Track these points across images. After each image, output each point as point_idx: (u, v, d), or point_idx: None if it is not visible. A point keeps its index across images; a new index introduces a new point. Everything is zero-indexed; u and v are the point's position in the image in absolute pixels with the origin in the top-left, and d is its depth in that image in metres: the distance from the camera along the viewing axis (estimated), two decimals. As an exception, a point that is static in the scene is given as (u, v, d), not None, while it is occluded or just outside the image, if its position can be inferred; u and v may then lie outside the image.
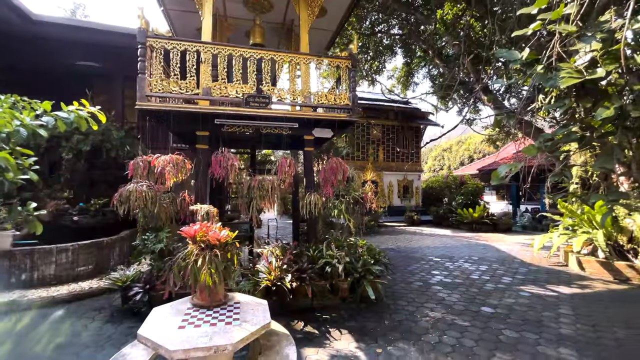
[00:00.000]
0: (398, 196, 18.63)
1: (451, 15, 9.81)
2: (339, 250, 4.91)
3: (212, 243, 2.60)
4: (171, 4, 6.44)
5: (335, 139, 14.38)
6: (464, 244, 10.38)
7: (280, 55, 4.87)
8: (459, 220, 14.43)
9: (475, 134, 36.07)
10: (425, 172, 40.92)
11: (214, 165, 4.29)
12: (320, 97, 5.07)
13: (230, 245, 2.85)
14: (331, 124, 5.41)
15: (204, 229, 2.73)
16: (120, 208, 4.00)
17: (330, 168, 4.74)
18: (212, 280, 2.49)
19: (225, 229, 2.85)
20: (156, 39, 4.40)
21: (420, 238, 11.62)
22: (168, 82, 4.37)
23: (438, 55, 12.85)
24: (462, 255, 8.46)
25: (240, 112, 4.66)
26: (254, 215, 4.47)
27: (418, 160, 19.75)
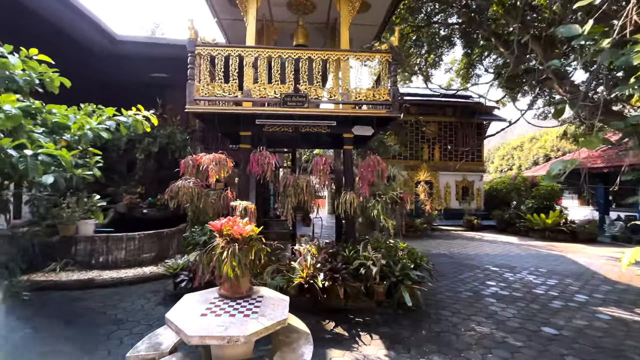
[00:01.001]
0: (456, 198, 17.29)
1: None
2: (376, 252, 4.72)
3: (236, 237, 2.70)
4: (223, 13, 6.92)
5: (385, 137, 13.96)
6: (531, 253, 9.17)
7: (317, 53, 4.87)
8: (528, 226, 12.80)
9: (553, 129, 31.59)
10: (490, 173, 37.25)
11: (251, 163, 4.47)
12: (358, 93, 4.94)
13: (255, 240, 2.92)
14: (371, 121, 5.23)
15: (230, 223, 2.85)
16: (171, 202, 4.41)
17: (367, 166, 4.59)
18: (233, 272, 2.59)
19: (250, 224, 2.93)
20: (203, 47, 4.76)
21: (479, 244, 10.60)
22: (213, 86, 4.70)
23: (502, 42, 11.54)
24: (526, 266, 7.48)
25: (278, 112, 4.78)
26: (289, 214, 4.55)
27: (480, 160, 18.05)
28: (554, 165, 2.31)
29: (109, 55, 9.88)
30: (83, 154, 3.80)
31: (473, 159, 17.84)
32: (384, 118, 5.05)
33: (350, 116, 5.06)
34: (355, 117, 5.11)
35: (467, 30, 13.80)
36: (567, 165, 2.30)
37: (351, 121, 5.28)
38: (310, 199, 4.61)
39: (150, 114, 3.98)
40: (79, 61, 9.51)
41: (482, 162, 18.15)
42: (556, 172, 2.26)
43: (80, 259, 5.69)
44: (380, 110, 5.02)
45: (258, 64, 4.87)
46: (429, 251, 9.20)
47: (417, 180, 15.74)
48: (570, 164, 2.29)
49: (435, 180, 17.14)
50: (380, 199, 4.53)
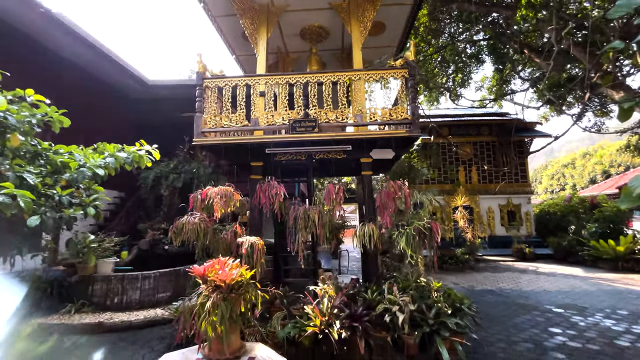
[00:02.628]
0: (501, 224, 15.60)
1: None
2: (404, 294, 4.00)
3: (219, 284, 2.26)
4: (239, 49, 7.08)
5: (415, 161, 13.19)
6: (604, 290, 7.62)
7: (326, 76, 4.60)
8: (594, 255, 10.92)
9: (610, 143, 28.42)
10: (539, 194, 33.90)
11: (257, 194, 4.13)
12: (373, 114, 4.52)
13: (247, 286, 2.46)
14: (390, 142, 4.73)
15: (217, 266, 2.42)
16: (175, 240, 4.14)
17: (387, 193, 4.03)
18: (214, 330, 2.12)
19: (240, 267, 2.48)
20: (211, 80, 4.71)
21: (534, 278, 9.12)
22: (220, 117, 4.56)
23: (537, 53, 10.71)
24: (600, 307, 6.11)
25: (286, 139, 4.49)
26: (299, 248, 4.05)
27: (525, 180, 16.38)
28: (636, 182, 1.64)
29: (142, 98, 10.59)
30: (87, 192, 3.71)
31: (517, 180, 16.23)
32: (404, 138, 4.54)
33: (366, 138, 4.62)
34: (372, 139, 4.65)
35: (496, 46, 13.15)
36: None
37: (369, 144, 4.83)
38: (325, 232, 4.10)
39: (152, 148, 3.85)
40: (114, 105, 10.27)
41: (527, 182, 16.44)
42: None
43: (96, 299, 5.56)
44: (399, 130, 4.53)
45: (265, 92, 4.69)
46: (473, 287, 8.03)
47: (455, 206, 14.53)
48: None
49: (475, 205, 15.72)
50: (404, 230, 3.88)
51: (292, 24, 6.30)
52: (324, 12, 5.87)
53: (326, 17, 6.04)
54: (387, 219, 3.98)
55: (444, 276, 9.60)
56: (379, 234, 4.00)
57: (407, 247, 4.09)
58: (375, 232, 3.98)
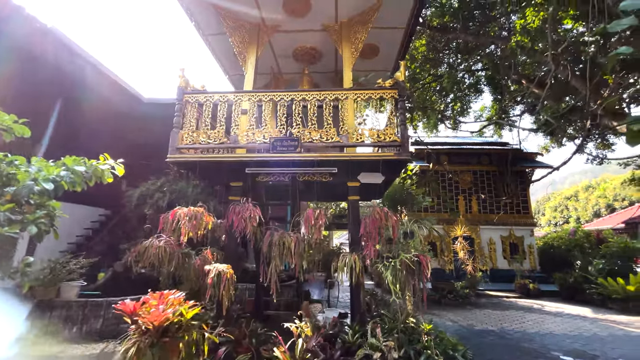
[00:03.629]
0: (503, 256, 14.94)
1: (537, 23, 8.06)
2: (389, 336, 3.50)
3: (147, 327, 1.85)
4: (232, 69, 7.00)
5: (413, 188, 12.83)
6: (615, 334, 6.95)
7: (312, 94, 4.38)
8: (603, 294, 10.22)
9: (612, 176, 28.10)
10: (542, 227, 33.10)
11: (230, 217, 3.76)
12: (360, 135, 4.24)
13: (186, 329, 2.04)
14: (378, 165, 4.42)
15: (153, 302, 2.02)
16: (135, 266, 3.73)
17: (372, 221, 3.65)
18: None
19: (183, 304, 2.08)
20: (192, 95, 4.50)
21: (540, 318, 8.44)
22: (198, 134, 4.29)
23: (536, 84, 10.68)
24: (613, 356, 5.48)
25: (267, 159, 4.18)
26: (273, 279, 3.61)
27: (527, 211, 15.90)
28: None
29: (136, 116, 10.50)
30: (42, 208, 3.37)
31: (519, 211, 15.76)
32: (393, 162, 4.22)
33: (353, 160, 4.31)
34: (359, 162, 4.34)
35: (494, 77, 13.23)
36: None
37: (356, 167, 4.51)
38: (302, 261, 3.68)
39: (117, 163, 3.55)
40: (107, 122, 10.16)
41: (530, 214, 15.95)
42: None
43: (52, 328, 5.03)
44: (387, 153, 4.22)
45: (248, 110, 4.47)
46: (472, 326, 7.38)
47: (455, 236, 13.98)
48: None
49: (476, 236, 15.16)
50: (389, 263, 3.46)
51: (284, 45, 6.23)
52: (316, 34, 5.81)
53: (319, 39, 5.97)
54: (371, 250, 3.58)
55: (442, 312, 8.93)
56: (362, 266, 3.57)
57: (394, 281, 3.66)
58: (357, 264, 3.56)
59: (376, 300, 5.50)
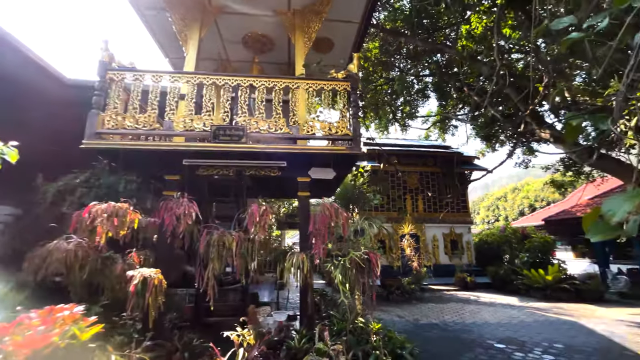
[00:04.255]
0: (445, 252, 15.98)
1: (480, 29, 8.71)
2: (338, 338, 3.31)
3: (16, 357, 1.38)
4: (173, 52, 6.33)
5: (364, 187, 13.07)
6: (538, 320, 7.71)
7: (260, 80, 4.04)
8: (527, 284, 11.41)
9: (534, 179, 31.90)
10: (478, 225, 36.46)
11: (160, 213, 3.26)
12: (311, 127, 4.01)
13: (85, 351, 1.59)
14: (329, 160, 4.23)
15: (34, 321, 1.54)
16: (34, 274, 3.04)
17: (321, 218, 3.43)
18: None
19: (79, 322, 1.62)
20: (118, 72, 3.86)
21: (476, 309, 9.07)
22: (123, 117, 3.68)
23: (476, 92, 11.55)
24: (538, 340, 6.00)
25: (207, 149, 3.74)
26: (210, 284, 3.21)
27: (466, 210, 17.25)
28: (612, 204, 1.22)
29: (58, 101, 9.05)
30: None
31: (459, 210, 17.02)
32: (345, 157, 4.07)
33: (303, 154, 4.06)
34: (309, 156, 4.11)
35: (440, 84, 14.06)
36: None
37: (306, 161, 4.27)
38: (244, 263, 3.32)
39: (6, 146, 2.85)
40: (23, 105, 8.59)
41: (468, 212, 17.33)
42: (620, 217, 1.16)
43: None
44: (339, 147, 4.06)
45: (187, 95, 3.96)
46: (418, 321, 7.63)
47: (402, 234, 14.56)
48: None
49: (421, 234, 15.99)
50: (338, 262, 3.28)
51: (233, 30, 5.77)
52: (267, 20, 5.46)
53: (271, 26, 5.63)
54: (320, 248, 3.36)
55: (390, 308, 9.14)
56: (310, 265, 3.34)
57: (343, 280, 3.49)
58: (305, 264, 3.32)
59: (326, 300, 5.33)
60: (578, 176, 11.61)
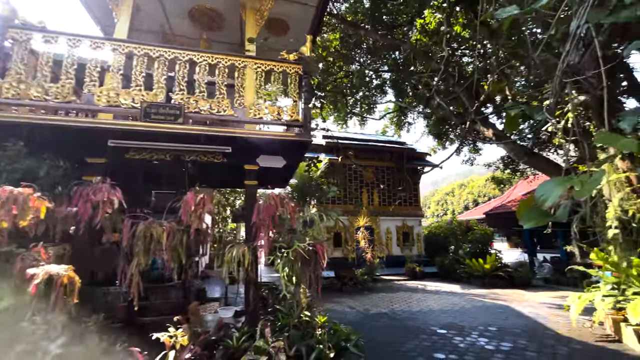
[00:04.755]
0: (397, 244, 16.65)
1: (434, 24, 9.04)
2: (279, 335, 3.14)
3: None
4: (106, 19, 5.54)
5: (322, 180, 13.03)
6: (476, 305, 8.30)
7: (202, 55, 3.65)
8: (469, 272, 12.30)
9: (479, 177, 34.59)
10: (428, 218, 38.82)
11: (75, 201, 2.78)
12: (258, 110, 3.73)
13: None
14: (277, 146, 3.99)
15: None
16: None
17: (266, 208, 3.20)
18: None
19: None
20: (23, 31, 3.21)
21: (423, 297, 9.52)
22: (28, 86, 3.07)
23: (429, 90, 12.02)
24: (475, 325, 6.42)
25: (136, 128, 3.28)
26: (135, 281, 2.83)
27: (418, 204, 18.11)
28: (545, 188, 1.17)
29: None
30: None
31: (411, 204, 17.79)
32: (295, 144, 3.86)
33: (250, 140, 3.77)
34: (256, 142, 3.83)
35: (397, 81, 14.42)
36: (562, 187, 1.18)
37: (254, 148, 3.98)
38: (177, 256, 2.98)
39: None
40: None
41: (419, 206, 18.20)
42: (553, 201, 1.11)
43: None
44: (288, 133, 3.83)
45: (113, 64, 3.44)
46: (368, 311, 7.78)
47: (358, 226, 14.86)
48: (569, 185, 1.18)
49: (376, 226, 16.44)
50: (281, 254, 3.09)
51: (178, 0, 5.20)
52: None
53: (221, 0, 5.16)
54: (264, 240, 3.13)
55: (343, 299, 9.23)
56: (252, 258, 3.10)
57: (289, 273, 3.31)
58: (247, 256, 3.07)
59: (274, 294, 5.13)
60: (514, 173, 12.70)
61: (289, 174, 5.28)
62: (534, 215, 1.23)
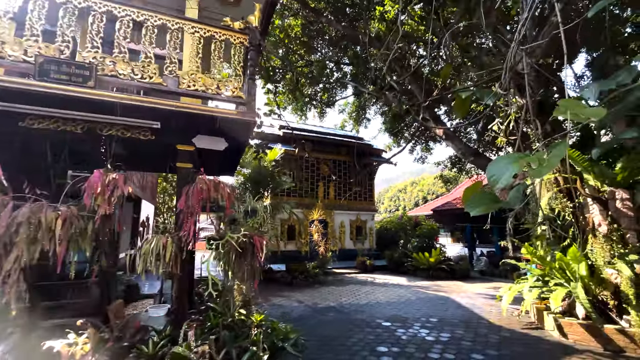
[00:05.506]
0: (350, 238, 16.86)
1: (392, 14, 9.09)
2: (206, 338, 2.76)
3: None
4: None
5: (276, 171, 12.58)
6: (420, 297, 8.60)
7: (124, 9, 3.05)
8: (415, 265, 12.85)
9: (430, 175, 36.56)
10: (382, 213, 40.30)
11: None
12: (192, 80, 3.24)
13: None
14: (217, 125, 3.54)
15: None
16: None
17: (195, 193, 2.77)
18: None
19: None
20: None
21: (371, 290, 9.66)
22: None
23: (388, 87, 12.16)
24: (418, 316, 6.59)
25: (30, 88, 2.61)
26: (13, 278, 2.24)
27: (372, 199, 18.49)
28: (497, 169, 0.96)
29: None
30: None
31: (365, 198, 18.11)
32: (237, 123, 3.44)
33: (183, 114, 3.27)
34: (191, 118, 3.34)
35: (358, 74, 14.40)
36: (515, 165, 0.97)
37: (190, 126, 3.49)
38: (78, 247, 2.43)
39: None
40: None
41: (373, 201, 18.60)
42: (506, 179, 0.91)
43: None
44: (228, 110, 3.40)
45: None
46: (316, 305, 7.64)
47: (312, 219, 14.71)
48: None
49: (330, 220, 16.45)
50: (210, 246, 2.70)
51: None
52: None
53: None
54: (191, 229, 2.71)
55: (292, 293, 9.00)
56: (177, 250, 2.67)
57: (225, 267, 2.94)
58: (169, 249, 2.62)
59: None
60: (460, 172, 13.46)
61: (234, 159, 4.81)
62: (481, 201, 1.02)
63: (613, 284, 5.33)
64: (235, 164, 5.28)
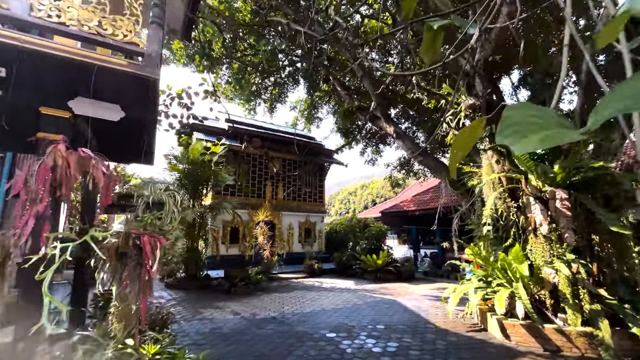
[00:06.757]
0: (299, 240, 16.15)
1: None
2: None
3: None
4: None
5: (220, 168, 11.35)
6: (367, 302, 8.19)
7: None
8: (363, 268, 12.57)
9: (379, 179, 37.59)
10: (332, 216, 40.37)
11: None
12: (61, 9, 2.25)
13: None
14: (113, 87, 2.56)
15: None
16: None
17: (41, 172, 1.80)
18: None
19: None
20: None
21: (317, 295, 9.03)
22: None
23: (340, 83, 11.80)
24: (365, 324, 6.10)
25: None
26: None
27: (322, 200, 18.03)
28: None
29: None
30: None
31: (315, 200, 17.59)
32: (132, 81, 2.50)
33: (48, 58, 2.24)
34: (63, 66, 2.32)
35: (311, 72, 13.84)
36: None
37: (58, 79, 2.45)
38: None
39: None
40: None
41: (323, 203, 18.16)
42: None
43: None
44: (113, 59, 2.44)
45: None
46: (255, 315, 6.74)
47: (257, 221, 13.68)
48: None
49: (278, 221, 15.57)
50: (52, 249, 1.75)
51: None
52: None
53: None
54: (29, 224, 1.74)
55: (228, 303, 7.95)
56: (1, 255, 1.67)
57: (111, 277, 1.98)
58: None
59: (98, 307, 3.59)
60: (409, 174, 13.60)
61: (147, 141, 3.76)
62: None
63: (551, 283, 5.38)
64: (151, 149, 4.20)
